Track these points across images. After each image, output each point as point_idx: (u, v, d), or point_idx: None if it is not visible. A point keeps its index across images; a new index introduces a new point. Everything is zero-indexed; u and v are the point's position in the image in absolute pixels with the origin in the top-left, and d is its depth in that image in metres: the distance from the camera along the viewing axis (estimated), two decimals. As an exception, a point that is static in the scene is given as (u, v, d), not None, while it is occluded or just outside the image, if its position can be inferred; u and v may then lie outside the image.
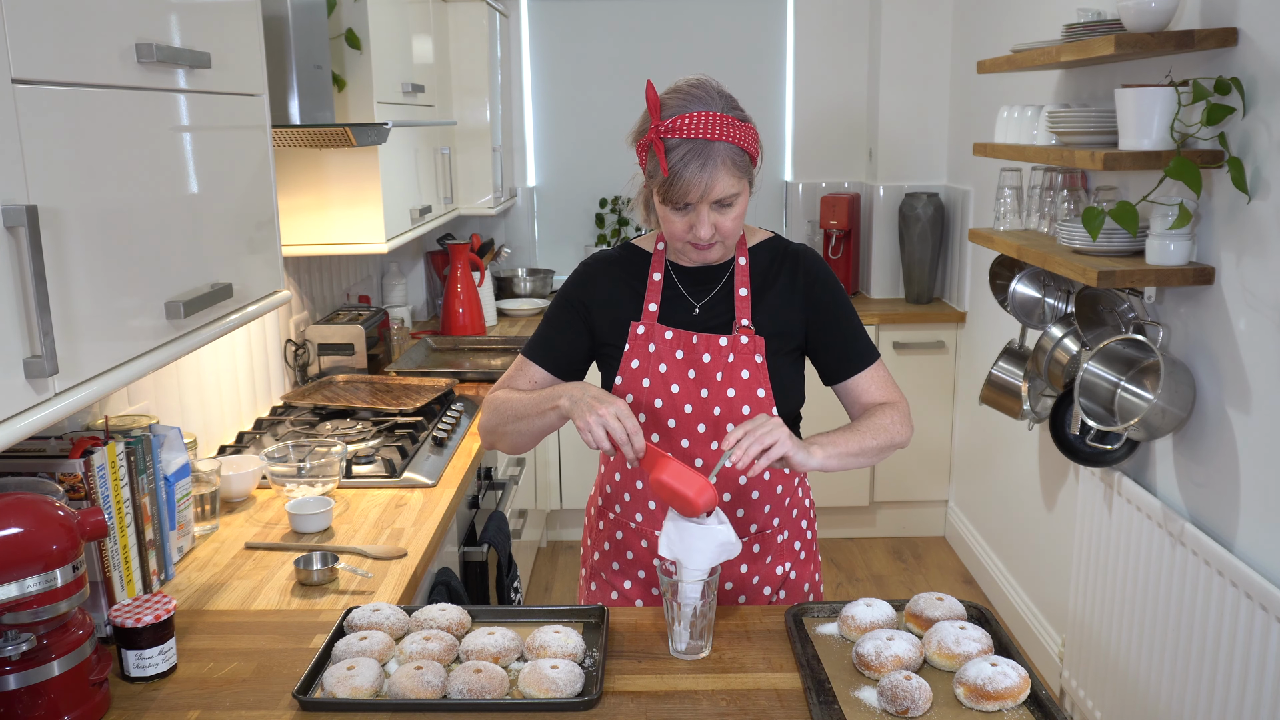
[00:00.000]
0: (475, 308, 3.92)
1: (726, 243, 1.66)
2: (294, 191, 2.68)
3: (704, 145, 1.54)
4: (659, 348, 1.72)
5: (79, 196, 1.27)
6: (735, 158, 1.56)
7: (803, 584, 1.85)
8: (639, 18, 4.55)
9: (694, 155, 1.54)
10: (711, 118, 1.55)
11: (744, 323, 1.70)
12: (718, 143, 1.55)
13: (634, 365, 1.72)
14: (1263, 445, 2.10)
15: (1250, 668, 2.04)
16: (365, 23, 2.70)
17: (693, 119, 1.55)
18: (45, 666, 1.31)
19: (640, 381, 1.72)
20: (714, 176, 1.55)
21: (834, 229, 4.35)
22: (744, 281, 1.73)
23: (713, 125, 1.55)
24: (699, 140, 1.54)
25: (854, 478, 4.26)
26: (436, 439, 2.57)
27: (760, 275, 1.74)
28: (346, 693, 1.36)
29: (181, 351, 1.52)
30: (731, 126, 1.56)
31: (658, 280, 1.75)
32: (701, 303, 1.74)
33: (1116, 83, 2.58)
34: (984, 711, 1.33)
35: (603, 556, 1.86)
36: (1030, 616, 3.41)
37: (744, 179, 1.60)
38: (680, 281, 1.75)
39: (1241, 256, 2.15)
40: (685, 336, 1.71)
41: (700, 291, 1.75)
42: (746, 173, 1.60)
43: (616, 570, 1.84)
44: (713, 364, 1.70)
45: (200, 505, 2.04)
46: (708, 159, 1.54)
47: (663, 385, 1.71)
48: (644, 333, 1.73)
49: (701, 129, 1.54)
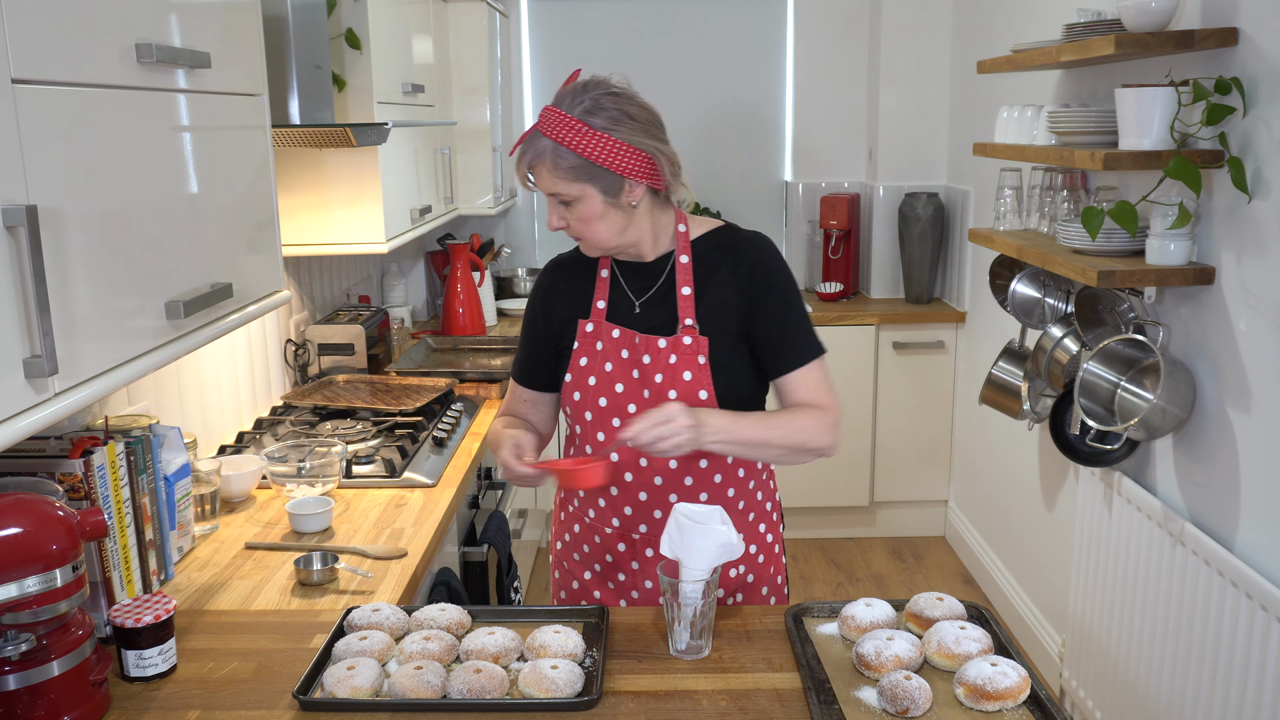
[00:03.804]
0: (475, 308, 3.92)
1: (589, 243, 1.68)
2: (294, 191, 2.68)
3: (533, 137, 1.62)
4: (605, 345, 1.74)
5: (79, 196, 1.27)
6: (558, 158, 1.59)
7: (760, 587, 1.84)
8: (639, 18, 4.55)
9: (525, 145, 1.63)
10: (553, 115, 1.60)
11: (687, 322, 1.69)
12: (544, 139, 1.60)
13: (582, 363, 1.75)
14: (1263, 445, 2.10)
15: (1250, 668, 2.04)
16: (365, 23, 2.70)
17: (544, 113, 1.62)
18: (45, 666, 1.31)
19: (587, 380, 1.74)
20: (531, 163, 1.62)
21: (834, 229, 4.35)
22: (686, 280, 1.72)
23: (549, 120, 1.60)
24: (536, 132, 1.62)
25: (854, 478, 4.26)
26: (436, 439, 2.57)
27: (704, 271, 1.72)
28: (346, 693, 1.36)
29: (181, 351, 1.52)
30: (568, 128, 1.58)
31: (605, 277, 1.77)
32: (641, 300, 1.74)
33: (1116, 83, 2.58)
34: (984, 711, 1.33)
35: (564, 547, 1.89)
36: (1030, 616, 3.41)
37: (577, 182, 1.60)
38: (624, 278, 1.76)
39: (1241, 256, 2.15)
40: (629, 336, 1.73)
41: (641, 289, 1.75)
42: (582, 177, 1.60)
43: (578, 560, 1.87)
44: (653, 365, 1.70)
45: (200, 505, 2.04)
46: (530, 147, 1.62)
47: (608, 384, 1.73)
48: (592, 330, 1.75)
49: (543, 123, 1.61)
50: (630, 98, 1.63)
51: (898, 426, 4.25)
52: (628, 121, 1.60)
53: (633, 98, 1.63)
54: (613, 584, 1.83)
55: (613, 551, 1.80)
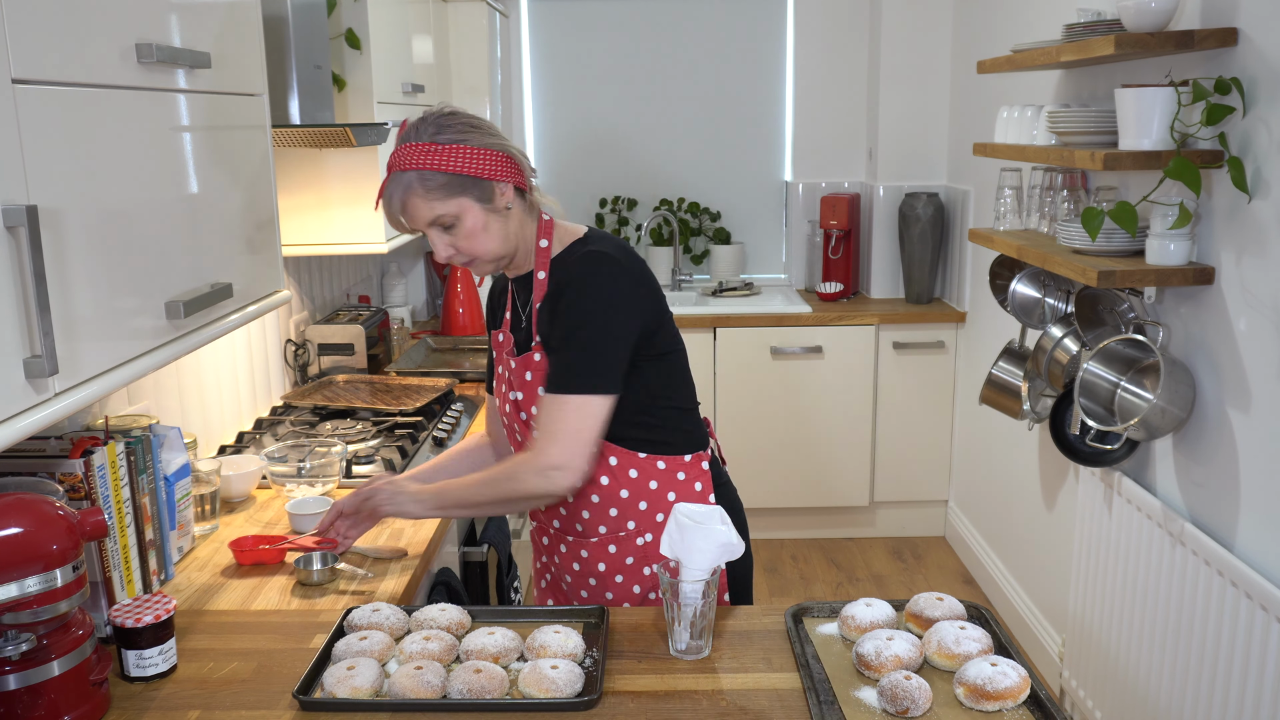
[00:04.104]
0: (475, 308, 3.92)
1: (482, 260, 1.70)
2: (294, 191, 2.68)
3: (395, 176, 1.63)
4: (498, 355, 1.85)
5: (79, 196, 1.27)
6: (425, 181, 1.61)
7: None
8: (639, 18, 4.55)
9: (389, 187, 1.64)
10: (406, 149, 1.62)
11: (537, 339, 1.74)
12: (407, 172, 1.62)
13: (499, 371, 1.85)
14: (1263, 445, 2.10)
15: (1250, 668, 2.04)
16: (365, 23, 2.70)
17: (395, 153, 1.63)
18: (45, 666, 1.31)
19: (501, 387, 1.85)
20: (402, 202, 1.63)
21: (834, 229, 4.35)
22: (540, 295, 1.74)
23: (403, 156, 1.62)
24: (394, 173, 1.63)
25: (854, 478, 4.26)
26: (436, 439, 2.57)
27: (556, 286, 1.72)
28: (346, 693, 1.37)
29: (181, 351, 1.52)
30: (424, 153, 1.60)
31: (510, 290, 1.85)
32: (526, 312, 1.79)
33: (1116, 83, 2.58)
34: (984, 711, 1.33)
35: (548, 586, 1.99)
36: (1030, 616, 3.41)
37: (451, 199, 1.62)
38: (517, 292, 1.82)
39: (1241, 256, 2.15)
40: (506, 346, 1.82)
41: (526, 301, 1.80)
42: (454, 192, 1.62)
43: (563, 590, 1.93)
44: (516, 381, 1.78)
45: (200, 505, 2.04)
46: (394, 189, 1.63)
47: (507, 392, 1.82)
48: (502, 340, 1.84)
49: (396, 161, 1.63)
50: (466, 111, 1.68)
51: (898, 426, 4.25)
52: (473, 130, 1.65)
53: (467, 111, 1.69)
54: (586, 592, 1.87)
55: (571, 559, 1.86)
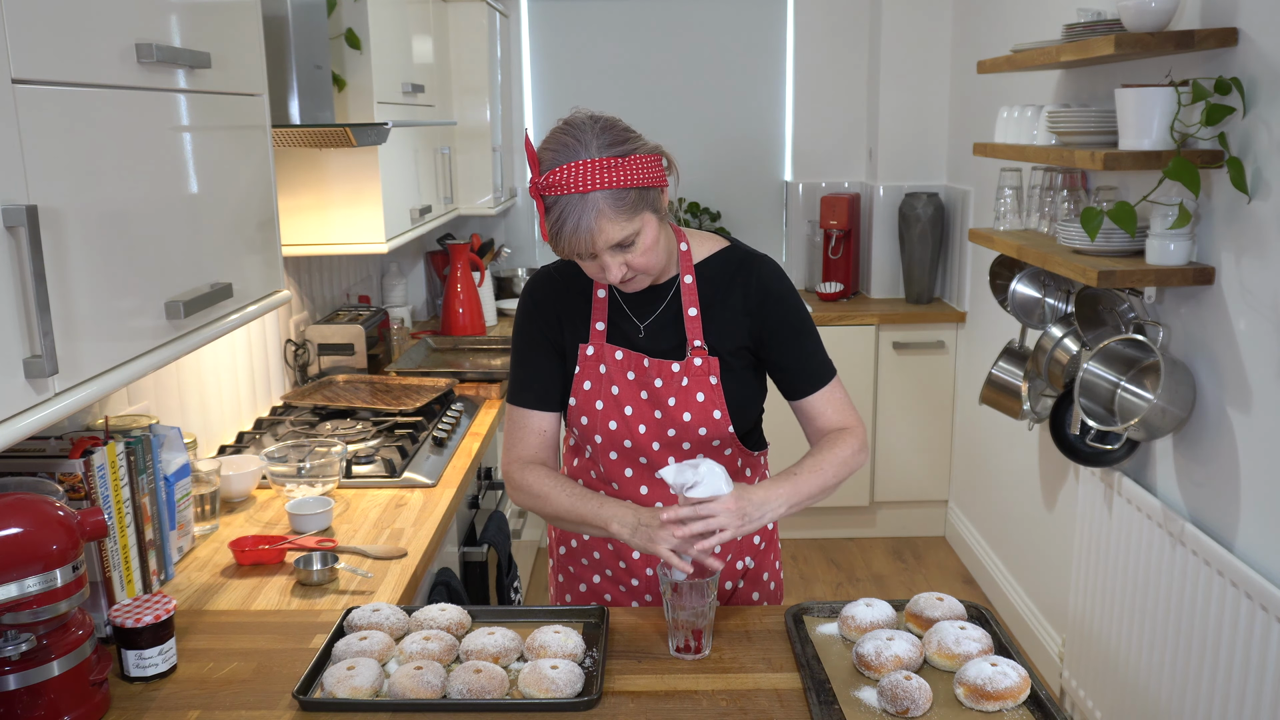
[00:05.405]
0: (475, 308, 3.92)
1: (648, 274, 1.59)
2: (294, 191, 2.68)
3: (578, 200, 1.47)
4: (610, 369, 1.69)
5: (79, 196, 1.27)
6: (617, 201, 1.48)
7: (762, 573, 1.85)
8: (639, 18, 4.54)
9: (569, 212, 1.47)
10: (583, 167, 1.46)
11: (696, 343, 1.67)
12: (593, 193, 1.47)
13: (586, 387, 1.70)
14: (1263, 445, 2.10)
15: (1250, 668, 2.04)
16: (365, 23, 2.70)
17: (564, 173, 1.47)
18: (45, 666, 1.31)
19: (594, 404, 1.70)
20: (594, 229, 1.48)
21: (834, 229, 4.35)
22: (692, 301, 1.68)
23: (585, 175, 1.46)
24: (573, 195, 1.47)
25: (854, 478, 4.26)
26: (436, 439, 2.57)
27: (710, 290, 1.69)
28: (346, 693, 1.36)
29: (181, 351, 1.52)
30: (608, 169, 1.47)
31: (602, 298, 1.71)
32: (646, 323, 1.70)
33: (1116, 83, 2.58)
34: (984, 711, 1.33)
35: (569, 551, 1.86)
36: (1030, 616, 3.41)
37: (637, 215, 1.51)
38: (624, 300, 1.70)
39: (1241, 256, 2.15)
40: (636, 358, 1.68)
41: (644, 312, 1.70)
42: (640, 208, 1.51)
43: (586, 565, 1.84)
44: (665, 389, 1.67)
45: (200, 505, 2.04)
46: (583, 214, 1.47)
47: (616, 407, 1.69)
48: (593, 354, 1.70)
49: (573, 182, 1.46)
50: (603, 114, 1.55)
51: (898, 426, 4.25)
52: (631, 135, 1.53)
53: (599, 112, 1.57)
54: (625, 587, 1.81)
55: (626, 558, 1.79)
